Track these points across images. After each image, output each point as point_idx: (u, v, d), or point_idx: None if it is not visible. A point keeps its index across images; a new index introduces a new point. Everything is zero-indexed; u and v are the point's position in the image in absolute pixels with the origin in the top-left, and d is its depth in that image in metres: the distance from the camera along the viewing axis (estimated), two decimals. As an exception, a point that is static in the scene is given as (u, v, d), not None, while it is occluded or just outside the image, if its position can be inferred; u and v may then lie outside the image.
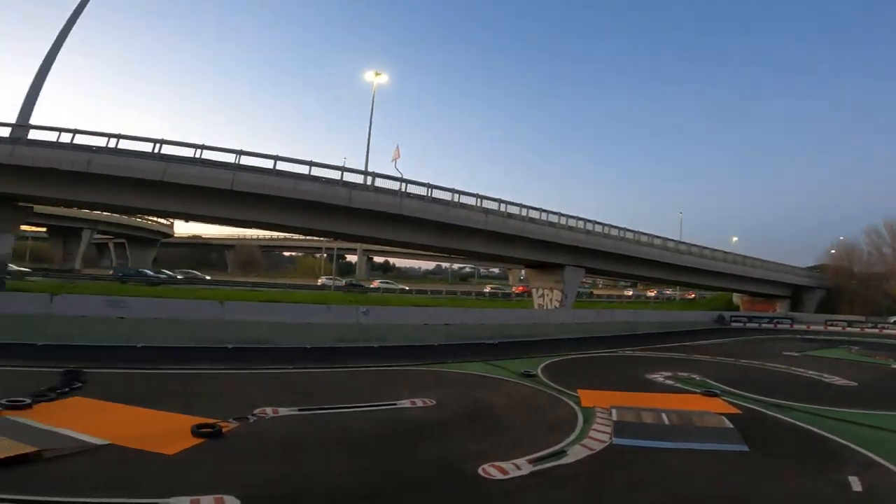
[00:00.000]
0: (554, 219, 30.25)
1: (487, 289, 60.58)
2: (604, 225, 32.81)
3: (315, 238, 56.19)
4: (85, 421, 7.50)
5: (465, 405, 10.56)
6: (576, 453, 7.60)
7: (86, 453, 6.38)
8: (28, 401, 8.25)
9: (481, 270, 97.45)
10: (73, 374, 10.33)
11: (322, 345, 17.86)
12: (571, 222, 31.08)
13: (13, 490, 4.96)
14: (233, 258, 71.94)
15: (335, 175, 23.52)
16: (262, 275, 58.50)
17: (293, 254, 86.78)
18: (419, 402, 10.50)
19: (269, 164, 22.30)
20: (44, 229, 49.43)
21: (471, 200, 26.99)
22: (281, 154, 22.67)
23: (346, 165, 24.63)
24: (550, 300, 32.26)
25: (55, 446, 6.28)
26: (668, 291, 71.01)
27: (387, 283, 53.79)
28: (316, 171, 22.92)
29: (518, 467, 6.81)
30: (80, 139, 20.19)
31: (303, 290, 39.11)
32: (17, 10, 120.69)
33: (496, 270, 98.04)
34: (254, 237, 72.99)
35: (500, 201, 28.08)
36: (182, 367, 12.66)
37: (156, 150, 20.76)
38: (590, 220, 32.06)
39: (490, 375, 14.27)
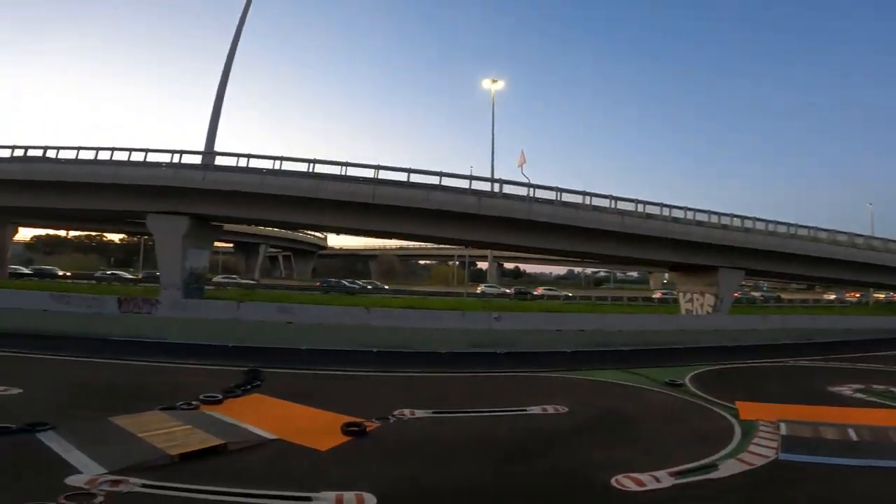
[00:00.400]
0: (703, 217, 27.33)
1: (658, 294, 55.82)
2: (767, 222, 28.65)
3: (447, 246, 58.58)
4: (261, 416, 8.79)
5: (600, 413, 10.17)
6: (729, 468, 6.82)
7: (260, 447, 7.47)
8: (220, 396, 9.93)
9: (618, 274, 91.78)
10: (253, 373, 12.23)
11: (456, 350, 18.48)
12: (725, 220, 27.76)
13: (204, 480, 5.97)
14: (375, 267, 78.34)
15: (464, 184, 24.35)
16: (401, 282, 62.60)
17: (427, 262, 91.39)
18: (550, 409, 10.34)
19: (402, 176, 23.98)
20: (230, 245, 59.32)
21: (604, 202, 25.74)
22: (413, 167, 24.26)
23: (474, 174, 25.38)
24: (701, 305, 29.13)
25: (238, 439, 7.49)
26: (855, 295, 59.49)
27: (551, 289, 53.25)
28: (446, 181, 23.96)
29: (657, 479, 6.33)
30: (254, 163, 23.81)
31: (439, 297, 41.08)
32: (195, 48, 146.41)
33: (634, 274, 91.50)
34: (393, 247, 78.72)
35: (637, 201, 26.30)
36: (336, 369, 14.13)
37: (310, 170, 23.63)
38: (748, 217, 28.28)
39: (629, 384, 13.50)
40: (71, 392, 9.87)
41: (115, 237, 65.54)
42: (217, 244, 39.36)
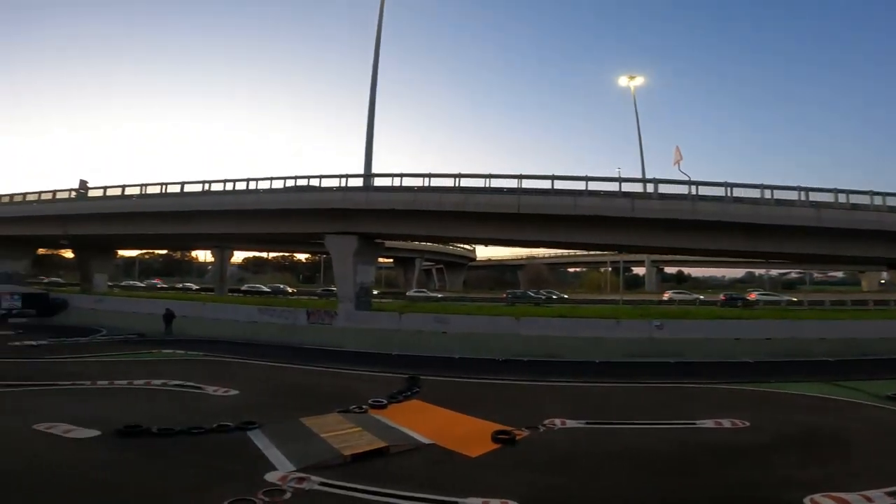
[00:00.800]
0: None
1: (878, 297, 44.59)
2: None
3: (598, 252, 55.71)
4: (419, 421, 9.40)
5: (790, 429, 8.80)
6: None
7: (417, 450, 7.97)
8: (385, 401, 10.91)
9: (814, 275, 76.70)
10: (413, 380, 13.18)
11: (611, 359, 17.62)
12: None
13: (368, 480, 6.53)
14: (523, 276, 78.26)
15: (612, 186, 23.05)
16: (551, 291, 61.34)
17: (577, 269, 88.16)
18: (726, 423, 9.28)
19: (546, 184, 23.56)
20: (390, 260, 65.03)
21: (790, 195, 21.92)
22: (557, 173, 23.71)
23: (623, 175, 23.81)
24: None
25: (398, 443, 8.10)
26: None
27: (768, 294, 46.48)
28: (593, 186, 22.92)
29: (869, 499, 5.32)
30: (406, 181, 25.63)
31: (592, 305, 39.29)
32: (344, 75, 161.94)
33: (839, 274, 75.60)
34: (541, 256, 77.79)
35: (837, 191, 21.85)
36: (487, 377, 14.47)
37: (456, 184, 24.64)
38: None
39: (832, 397, 11.56)
40: (273, 394, 11.81)
41: (303, 256, 77.16)
42: (379, 260, 43.31)
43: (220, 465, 6.96)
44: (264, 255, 75.02)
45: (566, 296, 49.16)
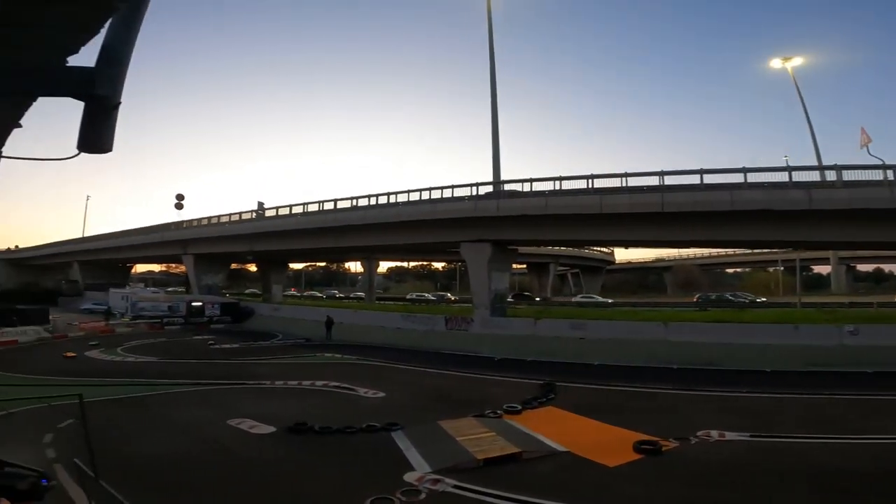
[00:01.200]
0: None
1: None
2: None
3: (764, 251, 48.42)
4: (553, 428, 9.17)
5: None
6: None
7: (550, 457, 7.76)
8: (519, 407, 10.85)
9: None
10: (548, 387, 12.88)
11: (787, 368, 15.39)
12: None
13: (500, 485, 6.53)
14: (671, 279, 71.34)
15: (779, 177, 19.85)
16: (744, 295, 54.94)
17: (737, 270, 77.56)
18: None
19: (694, 179, 21.17)
20: (524, 266, 64.55)
21: None
22: (706, 167, 21.14)
23: (790, 164, 20.34)
24: None
25: (532, 449, 7.97)
26: None
27: None
28: (753, 178, 20.03)
29: None
30: (536, 186, 25.12)
31: (758, 310, 34.21)
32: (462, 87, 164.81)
33: None
34: (690, 256, 70.14)
35: None
36: (629, 385, 13.57)
37: (589, 186, 23.49)
38: None
39: None
40: (414, 397, 12.57)
41: (440, 265, 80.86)
42: (513, 266, 43.22)
43: (367, 462, 7.63)
44: (405, 264, 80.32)
45: (764, 298, 43.65)
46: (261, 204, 37.44)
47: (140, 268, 65.68)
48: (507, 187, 26.49)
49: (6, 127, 3.15)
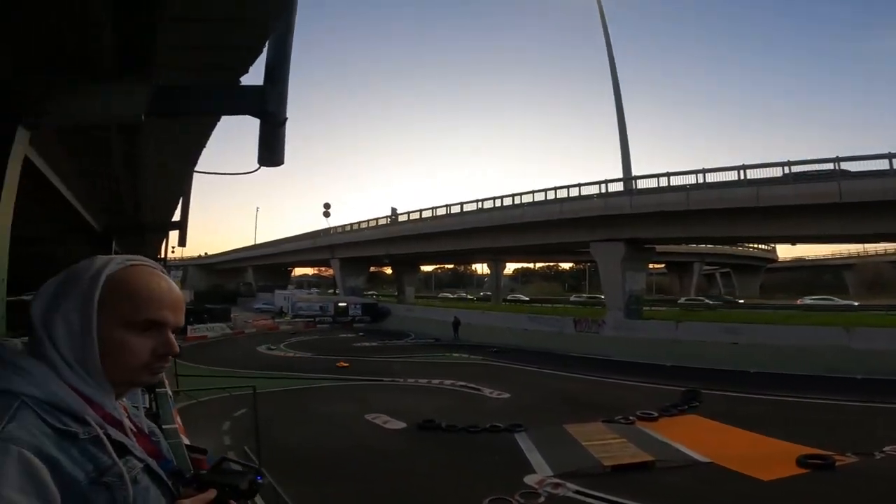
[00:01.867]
0: None
1: None
2: None
3: None
4: (695, 438, 8.29)
5: None
6: None
7: (689, 468, 7.01)
8: (655, 414, 10.02)
9: None
10: (692, 394, 11.67)
11: None
12: None
13: (628, 494, 6.09)
14: (852, 279, 59.54)
15: None
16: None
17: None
18: None
19: (881, 164, 17.60)
20: (662, 265, 59.33)
21: None
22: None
23: None
24: None
25: (668, 458, 7.28)
26: None
27: None
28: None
29: None
30: (675, 180, 23.04)
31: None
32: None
33: None
34: (880, 252, 57.84)
35: None
36: (794, 396, 11.74)
37: (741, 177, 20.80)
38: None
39: None
40: (539, 399, 12.37)
41: (567, 265, 78.33)
42: (651, 266, 40.16)
43: (488, 462, 7.72)
44: (531, 265, 79.32)
45: None
46: (394, 210, 40.11)
47: (297, 271, 74.89)
48: (640, 183, 24.73)
49: (198, 146, 3.89)
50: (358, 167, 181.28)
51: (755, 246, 54.42)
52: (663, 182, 23.23)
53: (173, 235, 9.64)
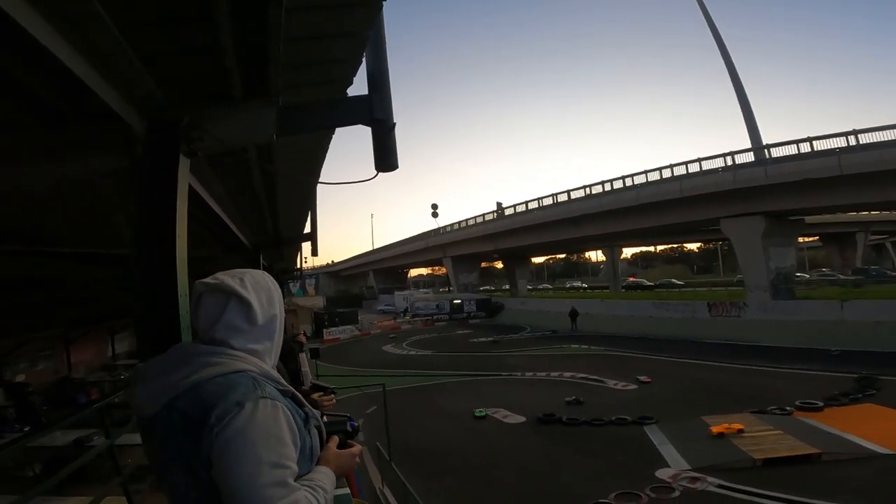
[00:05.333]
0: None
1: None
2: None
3: None
4: (871, 428, 7.07)
5: None
6: None
7: (867, 461, 5.97)
8: (820, 404, 8.69)
9: None
10: (866, 381, 9.94)
11: None
12: None
13: (785, 488, 5.34)
14: None
15: None
16: None
17: None
18: None
19: None
20: (815, 238, 51.29)
21: None
22: None
23: None
24: None
25: (836, 450, 6.26)
26: None
27: None
28: None
29: None
30: (819, 145, 19.98)
31: None
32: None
33: None
34: None
35: None
36: None
37: (908, 134, 17.38)
38: None
39: None
40: (672, 390, 11.44)
41: (694, 246, 71.44)
42: (800, 239, 35.11)
43: (614, 456, 7.33)
44: (651, 248, 73.70)
45: None
46: (499, 204, 40.06)
47: (413, 272, 78.42)
48: (774, 152, 21.82)
49: (319, 159, 4.27)
50: (463, 164, 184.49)
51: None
52: (804, 148, 20.25)
53: (305, 247, 10.67)
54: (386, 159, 2.86)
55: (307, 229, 8.68)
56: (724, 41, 28.06)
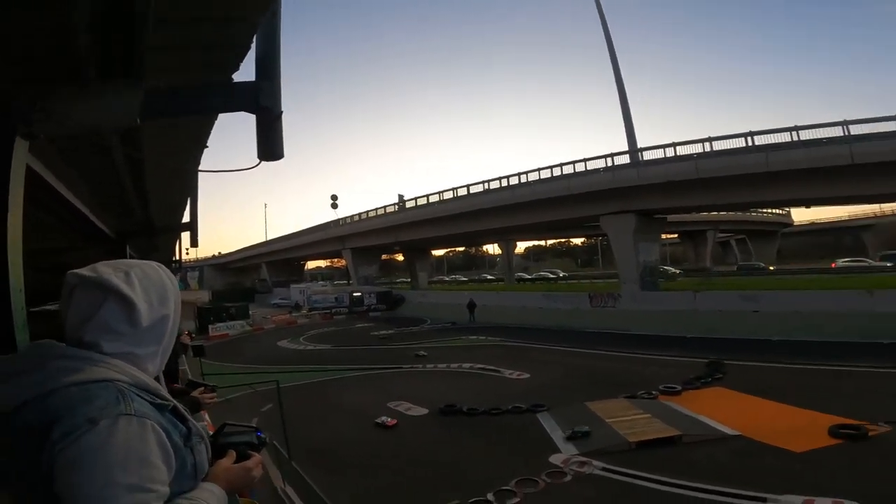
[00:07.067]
0: None
1: None
2: None
3: None
4: (721, 410, 8.20)
5: None
6: None
7: (718, 441, 6.94)
8: (679, 388, 9.91)
9: None
10: (715, 365, 11.53)
11: None
12: None
13: (657, 469, 6.04)
14: (872, 240, 58.28)
15: None
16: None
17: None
18: None
19: (891, 126, 17.41)
20: (675, 235, 58.58)
21: None
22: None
23: None
24: None
25: (694, 432, 7.22)
26: None
27: None
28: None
29: None
30: (682, 150, 22.73)
31: None
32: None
33: None
34: (896, 211, 56.52)
35: None
36: (820, 363, 11.57)
37: (748, 144, 20.60)
38: None
39: None
40: (559, 377, 12.31)
41: (579, 240, 77.82)
42: (663, 236, 39.72)
43: (512, 444, 7.72)
44: (542, 243, 78.94)
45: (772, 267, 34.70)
46: (401, 196, 40.02)
47: (310, 264, 75.42)
48: (647, 155, 24.42)
49: (198, 146, 3.84)
50: (363, 158, 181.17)
51: (769, 211, 53.51)
52: (669, 152, 23.08)
53: (186, 237, 9.70)
54: (271, 148, 2.77)
55: (186, 218, 7.87)
56: (614, 46, 30.44)
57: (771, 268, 40.46)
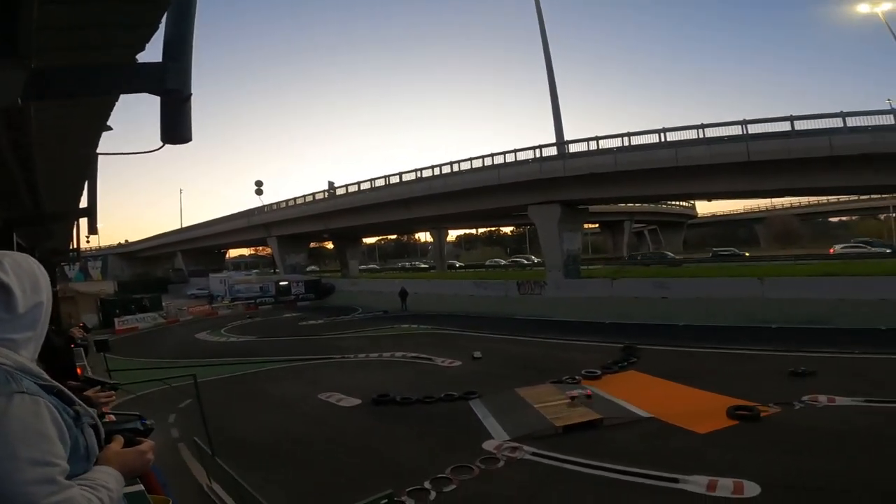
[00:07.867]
0: None
1: None
2: None
3: (873, 196, 43.23)
4: (636, 394, 8.80)
5: None
6: None
7: (635, 424, 7.48)
8: (599, 372, 10.50)
9: None
10: (629, 350, 12.38)
11: None
12: None
13: (581, 452, 6.41)
14: (764, 231, 65.40)
15: (886, 120, 17.66)
16: (808, 247, 49.96)
17: (843, 219, 69.39)
18: None
19: (783, 126, 19.44)
20: (596, 225, 62.09)
21: None
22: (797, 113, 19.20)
23: (896, 108, 17.77)
24: None
25: (614, 415, 7.73)
26: None
27: None
28: (853, 122, 18.02)
29: None
30: (604, 143, 23.93)
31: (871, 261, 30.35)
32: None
33: None
34: (786, 206, 63.74)
35: None
36: (720, 347, 12.72)
37: (662, 140, 22.08)
38: None
39: None
40: (490, 364, 12.62)
41: (508, 229, 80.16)
42: (585, 226, 41.78)
43: (446, 432, 7.83)
44: (473, 231, 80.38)
45: (747, 254, 39.07)
46: (331, 183, 38.82)
47: (232, 252, 71.29)
48: (572, 147, 25.47)
49: (97, 128, 3.44)
50: (292, 145, 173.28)
51: (677, 203, 58.11)
52: (594, 146, 24.17)
53: (84, 225, 8.77)
54: (177, 131, 2.62)
55: (84, 204, 7.11)
56: (548, 38, 31.11)
57: (746, 254, 40.21)
